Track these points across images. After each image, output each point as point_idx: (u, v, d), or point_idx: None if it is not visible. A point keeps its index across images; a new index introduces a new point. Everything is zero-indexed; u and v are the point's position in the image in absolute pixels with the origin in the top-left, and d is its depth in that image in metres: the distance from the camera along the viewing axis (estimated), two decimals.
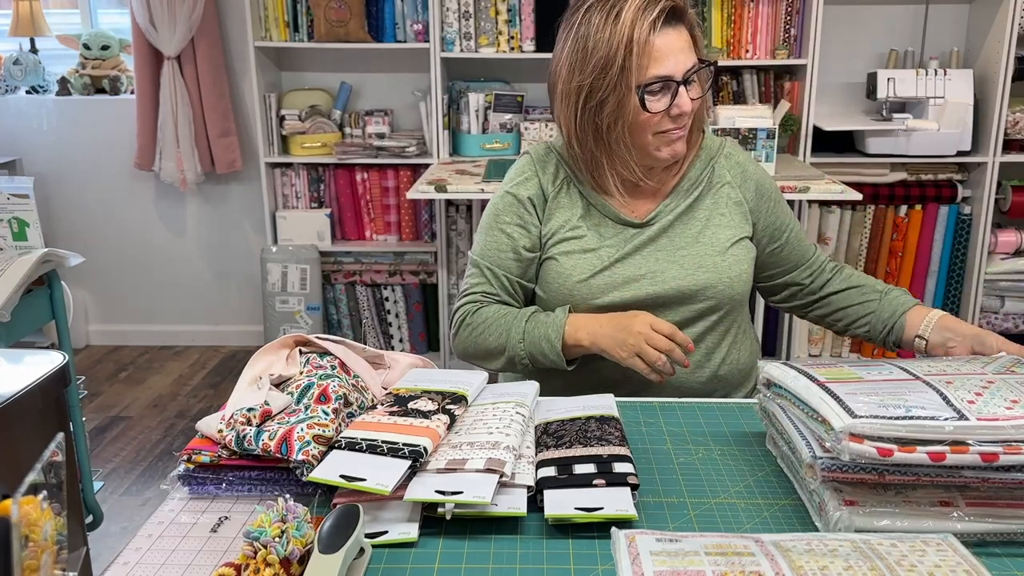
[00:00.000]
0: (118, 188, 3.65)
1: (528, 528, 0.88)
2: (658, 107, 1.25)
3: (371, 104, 3.51)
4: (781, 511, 0.92)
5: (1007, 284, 3.18)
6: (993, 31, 3.00)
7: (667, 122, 1.27)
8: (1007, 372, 0.93)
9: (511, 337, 1.31)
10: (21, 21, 3.52)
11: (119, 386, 3.36)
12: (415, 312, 3.52)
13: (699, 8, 3.09)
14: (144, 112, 3.41)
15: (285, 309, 3.42)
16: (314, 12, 3.18)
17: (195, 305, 3.79)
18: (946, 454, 0.79)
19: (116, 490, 2.58)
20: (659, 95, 1.25)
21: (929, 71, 3.01)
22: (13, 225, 2.01)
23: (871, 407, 0.82)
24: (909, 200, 3.17)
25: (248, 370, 1.10)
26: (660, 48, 1.23)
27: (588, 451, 0.96)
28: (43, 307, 2.03)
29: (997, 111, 2.98)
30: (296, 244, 3.41)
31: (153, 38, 3.31)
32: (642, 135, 1.28)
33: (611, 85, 1.24)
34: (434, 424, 0.96)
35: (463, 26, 3.14)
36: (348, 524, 0.78)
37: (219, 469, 0.96)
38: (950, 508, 0.84)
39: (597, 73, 1.24)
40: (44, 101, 3.57)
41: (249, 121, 3.52)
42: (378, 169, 3.41)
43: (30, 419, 1.09)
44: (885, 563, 0.73)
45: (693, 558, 0.74)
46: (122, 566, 0.84)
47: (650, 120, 1.26)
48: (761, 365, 1.04)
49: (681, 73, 1.25)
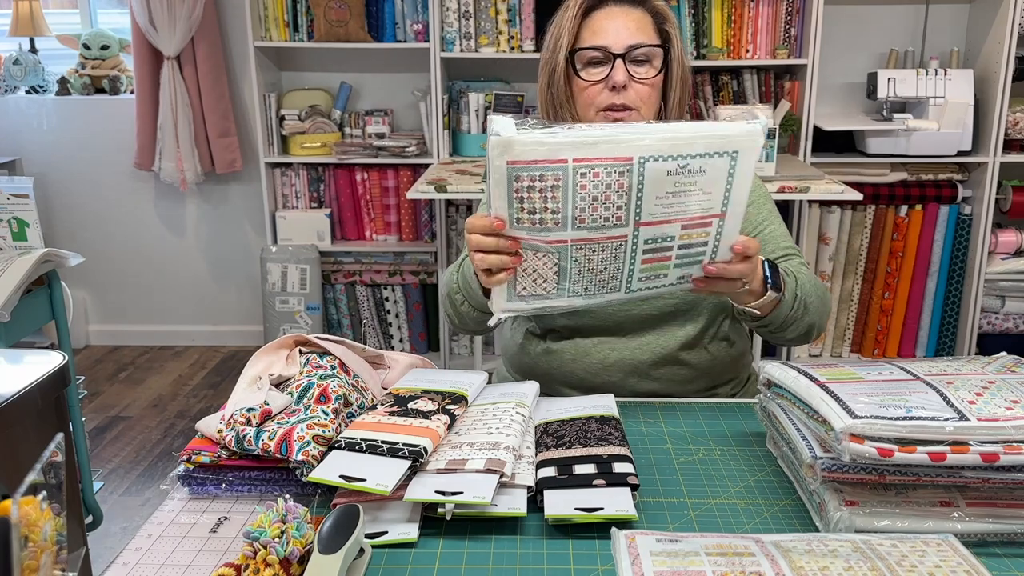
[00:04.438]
0: (118, 188, 3.65)
1: (528, 528, 0.88)
2: (592, 76, 1.28)
3: (371, 104, 3.51)
4: (781, 511, 0.92)
5: (1007, 284, 3.18)
6: (993, 31, 3.00)
7: (609, 97, 1.28)
8: (1007, 372, 0.93)
9: (452, 274, 1.30)
10: (21, 21, 3.52)
11: (119, 386, 3.36)
12: (415, 312, 3.52)
13: (699, 8, 3.09)
14: (144, 112, 3.41)
15: (285, 309, 3.42)
16: (314, 12, 3.18)
17: (195, 305, 3.79)
18: (946, 454, 0.79)
19: (116, 490, 2.58)
20: (598, 67, 1.28)
21: (929, 71, 3.01)
22: (13, 225, 2.01)
23: (871, 407, 0.82)
24: (909, 200, 3.17)
25: (248, 370, 1.10)
26: (601, 21, 1.29)
27: (588, 451, 0.96)
28: (43, 307, 2.03)
29: (997, 111, 2.98)
30: (296, 244, 3.41)
31: (153, 38, 3.31)
32: (587, 111, 1.30)
33: (558, 58, 1.30)
34: (434, 424, 0.96)
35: (463, 26, 3.14)
36: (348, 524, 0.78)
37: (219, 469, 0.96)
38: (950, 508, 0.84)
39: (551, 48, 1.31)
40: (44, 101, 3.57)
41: (249, 121, 3.52)
42: (378, 169, 3.41)
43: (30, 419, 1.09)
44: (885, 563, 0.73)
45: (693, 558, 0.74)
46: (122, 566, 0.84)
47: (591, 94, 1.29)
48: (761, 365, 1.04)
49: (621, 47, 1.27)
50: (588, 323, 1.34)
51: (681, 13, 3.08)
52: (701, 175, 0.99)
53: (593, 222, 0.99)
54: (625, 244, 1.02)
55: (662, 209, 1.00)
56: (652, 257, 1.04)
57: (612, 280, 1.05)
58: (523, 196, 0.98)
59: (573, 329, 1.35)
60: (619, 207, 0.98)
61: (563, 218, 0.99)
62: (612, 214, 0.99)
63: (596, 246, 1.02)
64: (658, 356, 1.32)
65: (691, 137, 0.97)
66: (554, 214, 0.98)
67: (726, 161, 0.99)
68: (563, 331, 1.36)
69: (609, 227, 1.00)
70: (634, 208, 0.99)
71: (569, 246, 1.01)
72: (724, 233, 1.05)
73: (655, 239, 1.02)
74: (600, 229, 1.00)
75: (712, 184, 1.00)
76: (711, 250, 1.06)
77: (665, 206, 1.00)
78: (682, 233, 1.03)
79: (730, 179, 1.00)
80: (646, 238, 1.02)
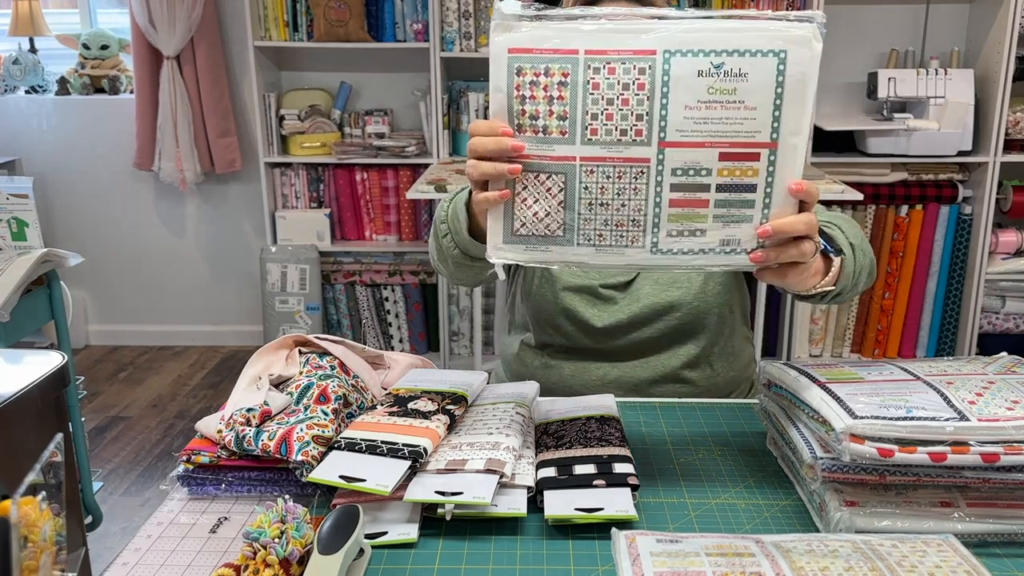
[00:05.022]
0: (117, 188, 3.65)
1: (528, 529, 0.88)
2: None
3: (371, 104, 3.51)
4: (782, 512, 0.92)
5: (1008, 284, 3.18)
6: (994, 31, 3.00)
7: None
8: (1007, 372, 0.93)
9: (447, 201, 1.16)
10: (20, 21, 3.52)
11: (118, 386, 3.36)
12: (415, 312, 3.51)
13: (699, 7, 3.09)
14: (143, 112, 3.41)
15: (285, 309, 3.42)
16: (314, 12, 3.18)
17: (194, 305, 3.79)
18: (947, 454, 0.79)
19: (115, 490, 2.58)
20: None
21: (930, 71, 3.01)
22: (12, 225, 2.01)
23: (872, 408, 0.82)
24: (910, 200, 3.17)
25: (247, 370, 1.09)
26: None
27: (588, 451, 0.96)
28: (42, 307, 2.03)
29: (998, 111, 2.98)
30: (296, 244, 3.41)
31: (152, 38, 3.31)
32: None
33: None
34: (434, 424, 0.96)
35: (463, 25, 3.13)
36: (348, 525, 0.78)
37: (218, 470, 0.95)
38: (951, 509, 0.84)
39: None
40: (43, 101, 3.57)
41: (249, 121, 3.52)
42: (378, 169, 3.41)
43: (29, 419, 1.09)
44: (886, 564, 0.73)
45: (694, 559, 0.74)
46: (121, 567, 0.83)
47: None
48: (762, 365, 1.03)
49: None
50: (588, 345, 1.31)
51: (682, 8, 3.07)
52: (741, 80, 0.82)
53: (607, 134, 0.83)
54: (648, 171, 0.84)
55: (692, 125, 0.83)
56: (683, 198, 0.85)
57: (632, 226, 0.86)
58: (524, 95, 0.84)
59: (570, 348, 1.32)
60: (639, 116, 0.83)
61: (571, 125, 0.84)
62: (630, 125, 0.83)
63: (611, 169, 0.84)
64: (659, 374, 1.30)
65: (728, 28, 0.81)
66: (560, 120, 0.84)
67: (772, 64, 0.81)
68: (559, 347, 1.33)
69: (627, 144, 0.83)
70: (658, 119, 0.83)
71: (578, 166, 0.85)
72: (777, 174, 0.84)
73: (685, 168, 0.84)
74: (616, 146, 0.84)
75: (756, 95, 0.82)
76: (762, 200, 0.85)
77: (697, 121, 0.83)
78: (721, 167, 0.84)
79: (779, 91, 0.82)
80: (674, 166, 0.84)
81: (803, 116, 0.83)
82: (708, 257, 0.87)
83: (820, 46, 0.82)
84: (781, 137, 0.83)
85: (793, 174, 0.85)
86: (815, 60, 0.82)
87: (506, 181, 0.88)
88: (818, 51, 0.82)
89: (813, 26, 0.82)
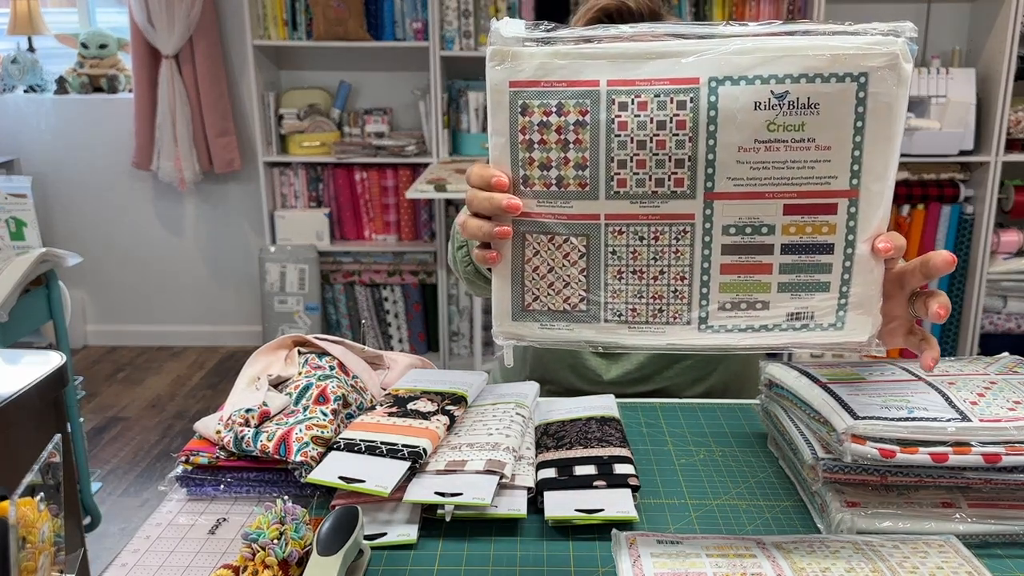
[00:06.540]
0: (116, 188, 3.65)
1: (528, 530, 0.88)
2: None
3: (370, 103, 3.51)
4: (783, 512, 0.92)
5: (1009, 284, 3.18)
6: (995, 30, 2.99)
7: None
8: (1009, 372, 0.93)
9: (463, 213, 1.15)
10: (19, 20, 3.52)
11: (117, 386, 3.36)
12: (414, 312, 3.51)
13: (700, 7, 3.08)
14: (142, 111, 3.41)
15: (284, 309, 3.42)
16: (313, 11, 3.17)
17: (193, 305, 3.78)
18: (948, 455, 0.79)
19: (114, 491, 2.58)
20: None
21: (931, 70, 3.01)
22: (11, 225, 2.01)
23: (873, 408, 0.82)
24: (911, 200, 3.16)
25: (246, 370, 1.09)
26: None
27: (588, 452, 0.96)
28: (41, 307, 2.02)
29: (999, 110, 2.98)
30: (295, 244, 3.41)
31: (151, 37, 3.30)
32: None
33: None
34: (433, 425, 0.96)
35: (463, 24, 3.13)
36: (347, 526, 0.78)
37: (217, 470, 0.95)
38: (952, 509, 0.83)
39: None
40: (42, 100, 3.56)
41: (248, 120, 3.52)
42: (377, 168, 3.41)
43: (28, 420, 1.09)
44: (887, 565, 0.73)
45: (694, 560, 0.73)
46: (120, 567, 0.83)
47: None
48: (763, 365, 1.03)
49: None
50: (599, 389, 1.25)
51: (682, 13, 3.07)
52: (811, 113, 0.64)
53: (639, 185, 0.66)
54: (692, 230, 0.67)
55: (748, 171, 0.66)
56: (738, 262, 0.68)
57: (674, 299, 0.69)
58: (532, 140, 0.68)
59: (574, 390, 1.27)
60: (679, 162, 0.65)
61: (592, 176, 0.67)
62: (668, 174, 0.66)
63: (645, 229, 0.68)
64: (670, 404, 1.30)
65: (792, 47, 0.64)
66: (579, 169, 0.67)
67: (850, 91, 0.64)
68: (558, 388, 1.29)
69: (664, 197, 0.67)
70: (703, 165, 0.66)
71: (603, 225, 0.68)
72: (859, 230, 0.67)
73: (741, 226, 0.67)
74: (650, 200, 0.67)
75: (830, 131, 0.65)
76: (841, 263, 0.68)
77: (754, 166, 0.66)
78: (787, 222, 0.67)
79: (859, 126, 0.65)
80: (726, 223, 0.67)
81: (889, 156, 0.67)
82: (773, 336, 0.70)
83: (910, 67, 0.65)
84: (863, 183, 0.67)
85: (879, 228, 0.68)
86: (904, 85, 0.65)
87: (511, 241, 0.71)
88: (907, 74, 0.65)
89: (901, 42, 0.65)
